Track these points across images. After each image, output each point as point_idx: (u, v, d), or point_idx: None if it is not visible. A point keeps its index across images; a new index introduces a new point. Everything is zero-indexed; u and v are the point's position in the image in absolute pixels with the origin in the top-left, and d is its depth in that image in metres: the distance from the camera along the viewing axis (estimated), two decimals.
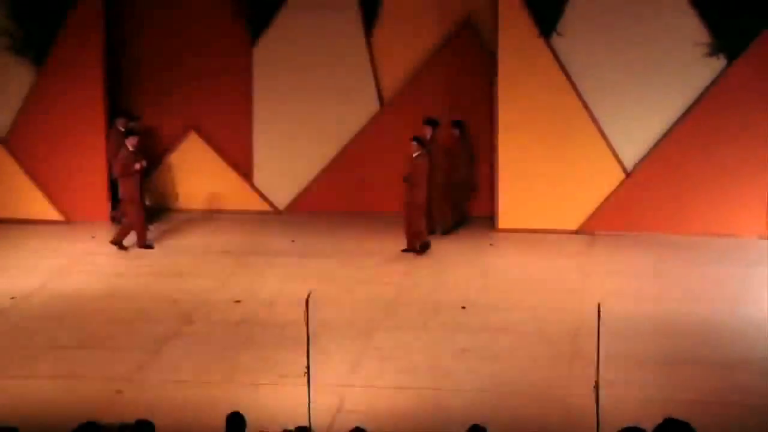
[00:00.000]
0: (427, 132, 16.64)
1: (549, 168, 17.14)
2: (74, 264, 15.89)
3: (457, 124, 17.55)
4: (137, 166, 16.21)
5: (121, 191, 16.39)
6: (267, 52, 18.04)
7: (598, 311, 10.00)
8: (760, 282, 14.81)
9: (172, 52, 18.14)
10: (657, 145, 17.03)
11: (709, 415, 10.81)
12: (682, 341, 12.92)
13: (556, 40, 16.91)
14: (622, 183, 17.17)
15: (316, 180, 18.27)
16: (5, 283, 14.99)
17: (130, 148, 16.26)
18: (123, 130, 17.01)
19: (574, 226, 17.24)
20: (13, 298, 14.39)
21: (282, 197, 18.40)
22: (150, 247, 16.41)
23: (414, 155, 16.02)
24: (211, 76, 18.11)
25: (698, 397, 11.40)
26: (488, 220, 17.50)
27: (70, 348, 12.78)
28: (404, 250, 16.08)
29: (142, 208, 16.47)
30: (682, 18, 16.68)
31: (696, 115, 16.86)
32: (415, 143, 16.05)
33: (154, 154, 18.17)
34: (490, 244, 16.86)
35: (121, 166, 16.29)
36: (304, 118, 18.10)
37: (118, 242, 16.30)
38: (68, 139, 17.61)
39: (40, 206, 17.87)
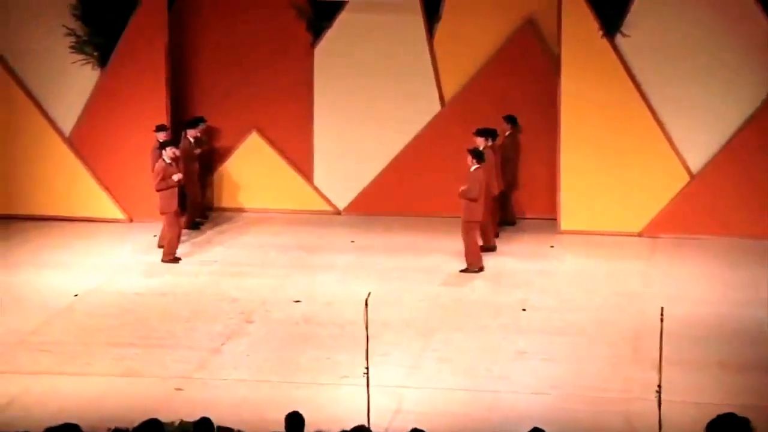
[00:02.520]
0: (480, 143, 16.07)
1: (612, 170, 17.11)
2: (135, 263, 15.96)
3: (509, 119, 17.44)
4: (175, 177, 15.82)
5: (161, 205, 15.85)
6: (328, 53, 18.13)
7: (661, 315, 9.92)
8: None
9: (235, 54, 18.25)
10: (722, 147, 16.93)
11: None
12: (744, 346, 12.75)
13: (620, 39, 16.85)
14: (686, 186, 17.10)
15: (376, 181, 18.29)
16: (69, 280, 15.05)
17: (167, 161, 15.87)
18: (162, 142, 16.42)
19: (637, 229, 17.14)
20: (76, 295, 14.43)
21: (342, 198, 18.44)
22: (178, 260, 15.93)
23: (471, 169, 15.40)
24: (273, 77, 18.17)
25: (760, 403, 11.10)
26: (549, 222, 17.48)
27: (130, 345, 12.78)
28: (462, 271, 15.40)
29: (179, 221, 16.12)
30: (748, 20, 16.56)
31: (762, 117, 16.74)
32: (470, 156, 15.42)
33: (216, 154, 18.47)
34: (551, 246, 16.79)
35: (160, 179, 15.79)
36: (365, 119, 18.17)
37: (170, 258, 15.88)
38: (131, 139, 17.63)
39: (103, 205, 17.95)
